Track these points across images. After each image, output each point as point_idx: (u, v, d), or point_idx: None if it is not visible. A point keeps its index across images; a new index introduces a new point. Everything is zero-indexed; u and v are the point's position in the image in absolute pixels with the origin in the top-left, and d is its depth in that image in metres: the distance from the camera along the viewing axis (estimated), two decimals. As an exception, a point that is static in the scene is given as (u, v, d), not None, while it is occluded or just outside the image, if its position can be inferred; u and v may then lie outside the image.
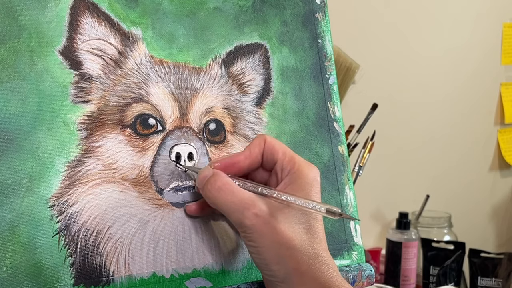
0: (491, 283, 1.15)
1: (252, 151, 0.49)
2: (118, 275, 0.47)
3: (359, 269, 0.58)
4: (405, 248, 1.12)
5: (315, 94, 0.60)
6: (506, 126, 1.47)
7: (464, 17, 1.37)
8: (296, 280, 0.44)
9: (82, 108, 0.48)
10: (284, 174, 0.48)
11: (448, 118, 1.38)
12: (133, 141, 0.49)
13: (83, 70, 0.48)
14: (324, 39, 0.61)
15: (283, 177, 0.48)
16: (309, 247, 0.45)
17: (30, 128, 0.45)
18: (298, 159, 0.48)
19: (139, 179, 0.49)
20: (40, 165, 0.45)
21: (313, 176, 0.48)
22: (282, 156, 0.48)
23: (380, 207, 1.30)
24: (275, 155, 0.48)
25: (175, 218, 0.50)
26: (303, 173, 0.47)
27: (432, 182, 1.36)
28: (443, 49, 1.35)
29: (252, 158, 0.49)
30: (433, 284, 1.15)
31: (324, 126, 0.60)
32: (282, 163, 0.48)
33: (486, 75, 1.43)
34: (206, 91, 0.54)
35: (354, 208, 0.60)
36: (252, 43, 0.57)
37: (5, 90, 0.45)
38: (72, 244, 0.45)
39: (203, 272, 0.50)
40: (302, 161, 0.48)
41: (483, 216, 1.49)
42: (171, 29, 0.53)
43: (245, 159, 0.48)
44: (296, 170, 0.47)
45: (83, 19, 0.49)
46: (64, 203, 0.46)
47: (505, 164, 1.48)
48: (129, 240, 0.48)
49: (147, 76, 0.51)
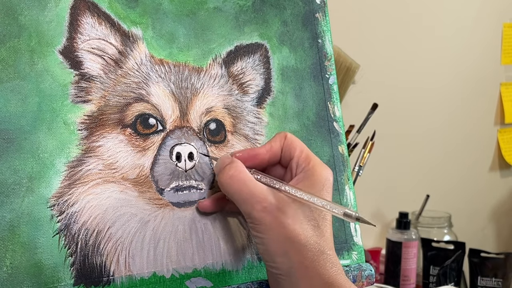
0: (491, 283, 1.15)
1: (274, 145, 0.50)
2: (118, 275, 0.47)
3: (359, 269, 0.58)
4: (405, 248, 1.12)
5: (315, 94, 0.60)
6: (506, 126, 1.47)
7: (464, 17, 1.37)
8: (300, 275, 0.45)
9: (82, 108, 0.48)
10: (298, 170, 0.49)
11: (448, 118, 1.38)
12: (133, 141, 0.49)
13: (83, 70, 0.48)
14: (324, 39, 0.61)
15: (297, 173, 0.49)
16: (315, 244, 0.46)
17: (30, 128, 0.45)
18: (314, 158, 0.49)
19: (139, 179, 0.49)
20: (40, 165, 0.45)
21: (326, 176, 0.48)
22: (299, 153, 0.49)
23: (380, 207, 1.30)
24: (292, 151, 0.49)
25: (175, 218, 0.50)
26: (316, 171, 0.48)
27: (432, 182, 1.36)
28: (443, 49, 1.35)
29: (272, 152, 0.50)
30: (433, 284, 1.15)
31: (324, 126, 0.60)
32: (298, 160, 0.49)
33: (486, 75, 1.43)
34: (207, 91, 0.54)
35: (354, 208, 0.60)
36: (252, 43, 0.57)
37: (5, 90, 0.45)
38: (72, 244, 0.45)
39: (204, 272, 0.50)
40: (318, 160, 0.49)
41: (483, 216, 1.49)
42: (171, 29, 0.53)
43: (266, 153, 0.50)
44: (311, 168, 0.48)
45: (83, 19, 0.49)
46: (64, 203, 0.46)
47: (505, 164, 1.48)
48: (130, 240, 0.48)
49: (148, 75, 0.51)
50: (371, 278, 0.58)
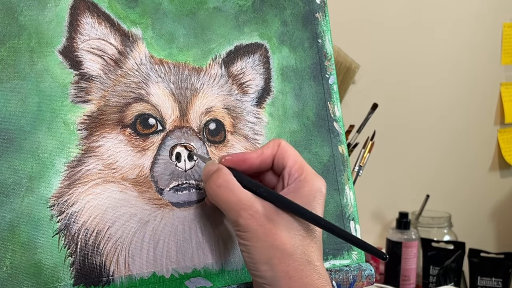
0: (491, 283, 1.15)
1: (265, 152, 0.49)
2: (118, 275, 0.47)
3: (359, 269, 0.58)
4: (405, 248, 1.12)
5: (315, 94, 0.60)
6: (506, 126, 1.47)
7: (464, 17, 1.37)
8: (284, 284, 0.44)
9: (82, 108, 0.48)
10: (290, 180, 0.48)
11: (448, 118, 1.38)
12: (133, 141, 0.49)
13: (83, 70, 0.48)
14: (324, 39, 0.61)
15: (289, 182, 0.48)
16: (302, 254, 0.45)
17: (30, 128, 0.45)
18: (307, 168, 0.48)
19: (139, 179, 0.49)
20: (40, 165, 0.45)
21: (318, 187, 0.47)
22: (291, 163, 0.48)
23: (380, 207, 1.30)
24: (285, 160, 0.48)
25: (175, 218, 0.50)
26: (308, 182, 0.47)
27: (432, 182, 1.36)
28: (443, 49, 1.35)
29: (263, 158, 0.49)
30: (433, 284, 1.15)
31: (324, 126, 0.60)
32: (290, 169, 0.48)
33: (486, 75, 1.43)
34: (206, 91, 0.54)
35: (354, 208, 0.60)
36: (252, 43, 0.57)
37: (5, 90, 0.45)
38: (72, 244, 0.45)
39: (203, 272, 0.50)
40: (311, 171, 0.48)
41: (483, 216, 1.49)
42: (171, 29, 0.53)
43: (257, 158, 0.49)
44: (303, 179, 0.47)
45: (83, 18, 0.49)
46: (64, 203, 0.46)
47: (505, 164, 1.48)
48: (129, 240, 0.48)
49: (147, 76, 0.51)
50: (371, 278, 0.58)
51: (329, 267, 0.56)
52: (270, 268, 0.44)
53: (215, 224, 0.51)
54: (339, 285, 0.55)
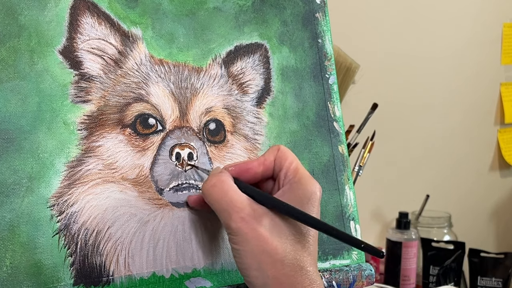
0: (491, 283, 1.15)
1: (267, 158, 0.48)
2: (118, 275, 0.47)
3: (359, 269, 0.58)
4: (405, 248, 1.12)
5: (315, 94, 0.60)
6: (506, 126, 1.47)
7: (464, 17, 1.37)
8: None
9: (82, 108, 0.48)
10: (285, 182, 0.48)
11: (448, 118, 1.38)
12: (133, 141, 0.49)
13: (83, 70, 0.48)
14: (324, 39, 0.61)
15: (284, 184, 0.48)
16: (293, 259, 0.44)
17: (30, 128, 0.45)
18: (302, 171, 0.48)
19: (139, 179, 0.49)
20: (40, 165, 0.45)
21: (313, 190, 0.47)
22: (288, 164, 0.48)
23: (380, 207, 1.30)
24: (283, 162, 0.48)
25: (175, 218, 0.50)
26: (303, 184, 0.47)
27: (432, 182, 1.36)
28: (443, 49, 1.35)
29: (266, 165, 0.48)
30: (433, 284, 1.15)
31: (324, 126, 0.60)
32: (286, 171, 0.48)
33: (486, 75, 1.43)
34: (206, 91, 0.54)
35: (354, 208, 0.60)
36: (252, 43, 0.57)
37: (5, 90, 0.45)
38: (72, 244, 0.45)
39: (203, 272, 0.50)
40: (306, 173, 0.48)
41: (483, 216, 1.49)
42: (171, 29, 0.53)
43: (259, 166, 0.48)
44: (297, 181, 0.47)
45: (83, 19, 0.49)
46: (64, 203, 0.46)
47: (505, 164, 1.48)
48: (129, 240, 0.48)
49: (147, 76, 0.51)
50: (371, 278, 0.58)
51: (329, 267, 0.56)
52: (261, 274, 0.44)
53: (215, 224, 0.51)
54: (339, 285, 0.55)
